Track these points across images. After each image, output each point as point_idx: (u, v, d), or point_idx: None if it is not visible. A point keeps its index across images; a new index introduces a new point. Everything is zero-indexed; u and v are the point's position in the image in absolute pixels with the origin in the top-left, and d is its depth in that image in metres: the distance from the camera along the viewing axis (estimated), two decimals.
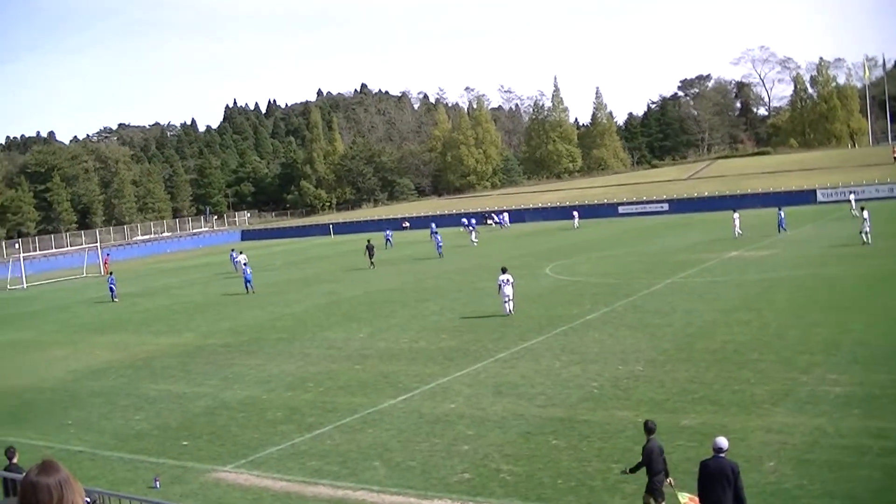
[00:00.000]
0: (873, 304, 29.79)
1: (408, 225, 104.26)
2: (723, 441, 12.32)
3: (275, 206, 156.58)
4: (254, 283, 51.30)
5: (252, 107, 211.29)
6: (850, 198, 70.67)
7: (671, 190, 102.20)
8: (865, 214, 47.29)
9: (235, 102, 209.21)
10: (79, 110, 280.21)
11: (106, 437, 21.83)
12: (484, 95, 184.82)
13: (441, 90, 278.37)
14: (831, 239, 50.89)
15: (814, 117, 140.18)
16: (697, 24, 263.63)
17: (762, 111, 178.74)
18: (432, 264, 58.14)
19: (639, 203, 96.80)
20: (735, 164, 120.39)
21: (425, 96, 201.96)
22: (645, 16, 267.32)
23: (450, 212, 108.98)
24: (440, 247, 62.95)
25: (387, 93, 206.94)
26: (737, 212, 59.43)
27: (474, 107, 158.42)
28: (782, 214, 57.99)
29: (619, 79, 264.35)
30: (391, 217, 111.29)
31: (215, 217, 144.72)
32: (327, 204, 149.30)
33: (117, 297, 53.72)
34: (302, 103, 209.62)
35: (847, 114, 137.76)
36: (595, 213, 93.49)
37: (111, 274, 57.99)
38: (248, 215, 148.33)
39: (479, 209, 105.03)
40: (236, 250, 67.22)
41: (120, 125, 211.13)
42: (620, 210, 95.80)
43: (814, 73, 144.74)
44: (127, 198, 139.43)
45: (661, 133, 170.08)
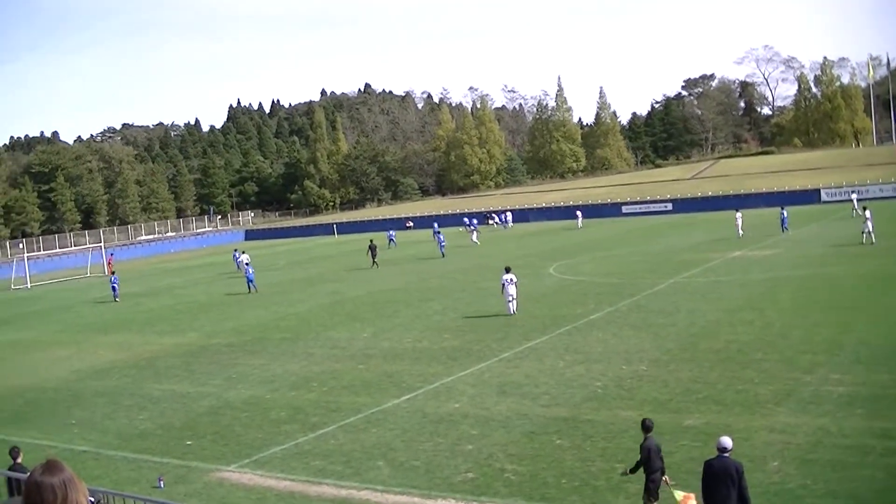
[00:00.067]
0: (876, 303, 29.75)
1: (411, 225, 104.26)
2: (727, 441, 12.32)
3: (278, 205, 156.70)
4: (257, 282, 51.38)
5: (256, 107, 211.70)
6: (852, 197, 70.62)
7: (675, 190, 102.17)
8: (867, 214, 47.22)
9: (239, 102, 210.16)
10: (82, 110, 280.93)
11: (110, 437, 21.84)
12: (487, 95, 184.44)
13: (445, 90, 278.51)
14: (834, 239, 50.82)
15: (818, 117, 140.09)
16: (701, 23, 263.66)
17: (766, 111, 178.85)
18: (435, 264, 58.12)
19: (642, 203, 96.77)
20: (739, 164, 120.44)
21: (429, 96, 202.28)
22: (648, 15, 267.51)
23: (453, 211, 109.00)
24: (443, 247, 62.95)
25: (390, 92, 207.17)
26: (739, 211, 59.46)
27: (478, 106, 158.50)
28: (785, 214, 57.99)
29: (623, 78, 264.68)
30: (395, 217, 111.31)
31: (219, 217, 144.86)
32: (331, 204, 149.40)
33: (119, 297, 53.87)
34: (306, 103, 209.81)
35: (851, 113, 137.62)
36: (599, 212, 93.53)
37: (113, 274, 58.01)
38: (252, 215, 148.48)
39: (482, 209, 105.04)
40: (239, 250, 67.26)
41: (124, 125, 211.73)
42: (624, 210, 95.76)
43: (818, 72, 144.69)
44: (131, 198, 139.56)
45: (664, 133, 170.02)
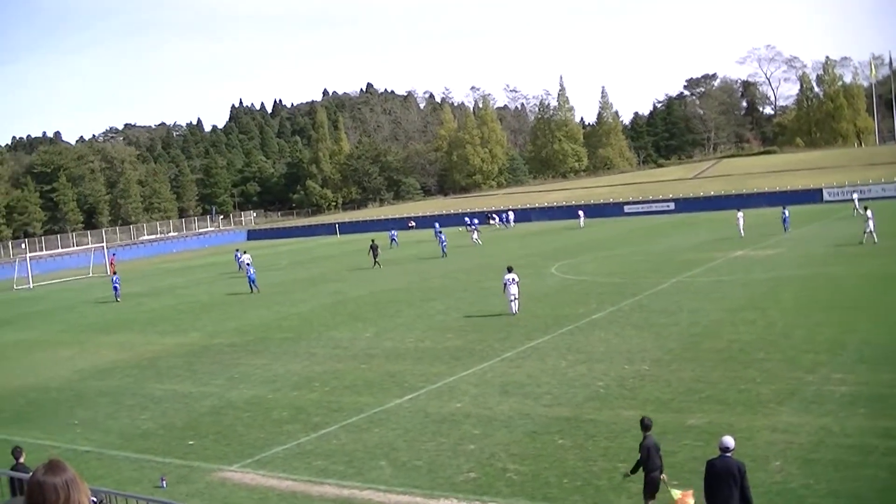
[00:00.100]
0: (879, 303, 29.73)
1: (413, 224, 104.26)
2: (729, 440, 12.31)
3: (280, 205, 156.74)
4: (259, 282, 51.42)
5: (258, 107, 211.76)
6: (854, 197, 70.60)
7: (677, 189, 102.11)
8: (869, 214, 47.18)
9: (241, 102, 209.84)
10: (84, 110, 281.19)
11: (112, 437, 21.85)
12: (490, 95, 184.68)
13: (447, 90, 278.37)
14: (837, 238, 50.77)
15: (820, 116, 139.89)
16: (703, 23, 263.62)
17: (768, 110, 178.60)
18: (438, 264, 58.11)
19: (644, 202, 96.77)
20: (741, 164, 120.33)
21: (431, 96, 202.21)
22: (650, 15, 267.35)
23: (456, 211, 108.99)
24: (444, 246, 62.91)
25: (392, 92, 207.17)
26: (741, 211, 59.41)
27: (480, 106, 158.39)
28: (786, 214, 57.93)
29: (625, 78, 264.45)
30: (397, 217, 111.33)
31: (221, 217, 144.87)
32: (333, 203, 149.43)
33: (120, 297, 53.90)
34: (308, 103, 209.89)
35: (853, 113, 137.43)
36: (601, 212, 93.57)
37: (115, 274, 58.09)
38: (254, 215, 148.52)
39: (484, 209, 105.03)
40: (241, 250, 67.30)
41: (126, 125, 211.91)
42: (626, 209, 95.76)
43: (820, 71, 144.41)
44: (133, 198, 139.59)
45: (666, 132, 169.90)
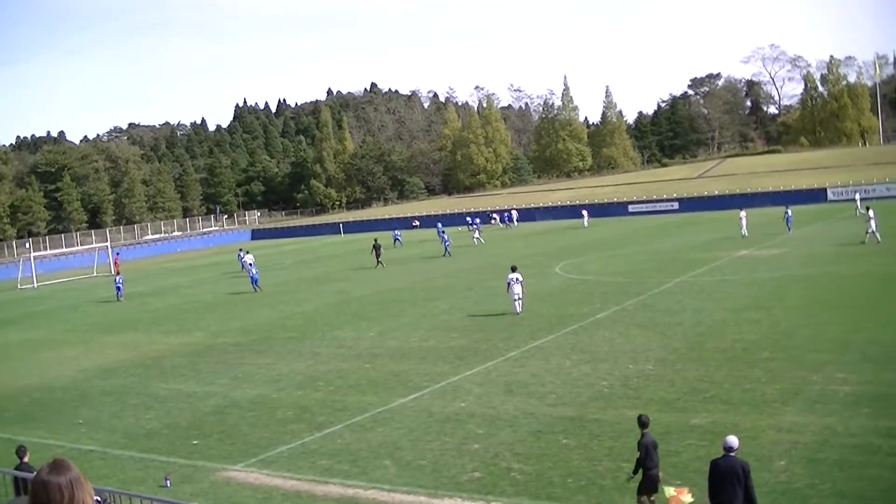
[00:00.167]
0: (883, 302, 29.68)
1: (418, 224, 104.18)
2: (733, 440, 12.29)
3: (285, 205, 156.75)
4: (262, 282, 51.55)
5: (262, 106, 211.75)
6: (856, 196, 70.50)
7: (681, 189, 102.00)
8: (871, 213, 47.12)
9: (245, 102, 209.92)
10: (89, 110, 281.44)
11: (116, 436, 21.88)
12: (494, 94, 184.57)
13: (451, 89, 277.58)
14: (841, 238, 50.67)
15: (824, 116, 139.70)
16: (707, 22, 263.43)
17: (772, 110, 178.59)
18: (441, 263, 58.08)
19: (649, 202, 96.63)
20: (745, 163, 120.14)
21: (435, 95, 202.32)
22: (654, 15, 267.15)
23: (460, 210, 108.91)
24: (447, 245, 62.85)
25: (397, 92, 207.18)
26: (743, 210, 59.23)
27: (484, 106, 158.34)
28: (789, 213, 57.76)
29: (629, 78, 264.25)
30: (401, 216, 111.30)
31: (225, 216, 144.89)
32: (337, 203, 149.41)
33: (123, 297, 53.96)
34: (312, 102, 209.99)
35: (858, 112, 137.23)
36: (605, 211, 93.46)
37: (118, 274, 58.21)
38: (259, 214, 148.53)
39: (488, 208, 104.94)
40: (244, 250, 67.32)
41: (130, 125, 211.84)
42: (630, 209, 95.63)
43: (824, 71, 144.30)
44: (137, 197, 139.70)
45: (671, 132, 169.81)
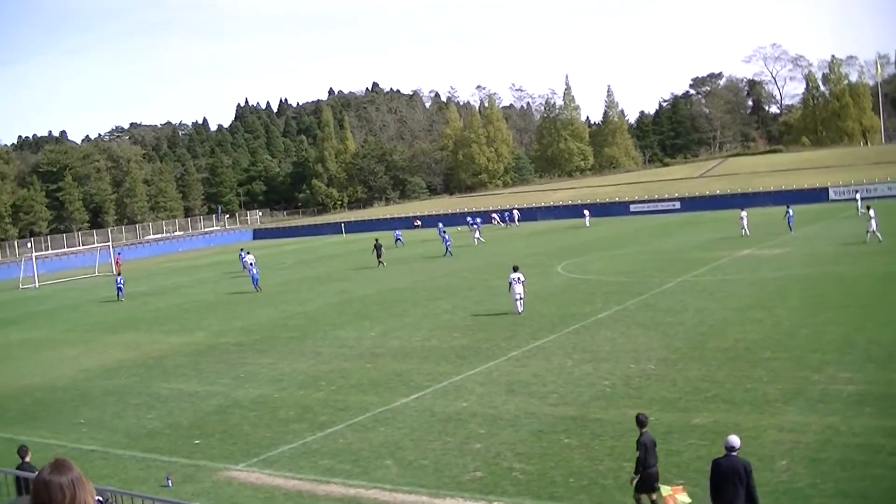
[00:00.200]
0: (886, 302, 29.66)
1: (419, 223, 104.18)
2: (735, 439, 12.29)
3: (286, 204, 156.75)
4: (263, 282, 51.77)
5: (263, 106, 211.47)
6: (856, 196, 70.48)
7: (683, 188, 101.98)
8: (872, 213, 47.11)
9: (247, 101, 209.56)
10: (90, 110, 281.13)
11: (118, 436, 21.88)
12: (495, 94, 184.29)
13: (452, 89, 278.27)
14: (843, 237, 50.64)
15: (826, 115, 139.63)
16: (709, 22, 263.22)
17: (774, 109, 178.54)
18: (443, 263, 58.05)
19: (650, 201, 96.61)
20: (747, 163, 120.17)
21: (437, 95, 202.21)
22: (656, 14, 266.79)
23: (462, 210, 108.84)
24: (448, 245, 62.81)
25: (398, 91, 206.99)
26: (744, 210, 59.07)
27: (486, 105, 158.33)
28: (791, 213, 57.65)
29: (631, 77, 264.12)
30: (403, 216, 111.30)
31: (227, 216, 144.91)
32: (339, 203, 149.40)
33: (123, 297, 53.95)
34: (313, 102, 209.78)
35: (859, 111, 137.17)
36: (607, 211, 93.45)
37: (119, 275, 58.25)
38: (260, 214, 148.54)
39: (490, 208, 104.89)
40: (245, 250, 67.32)
41: (132, 124, 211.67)
42: (632, 208, 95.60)
43: (826, 70, 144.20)
44: (139, 197, 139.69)
45: (672, 131, 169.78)
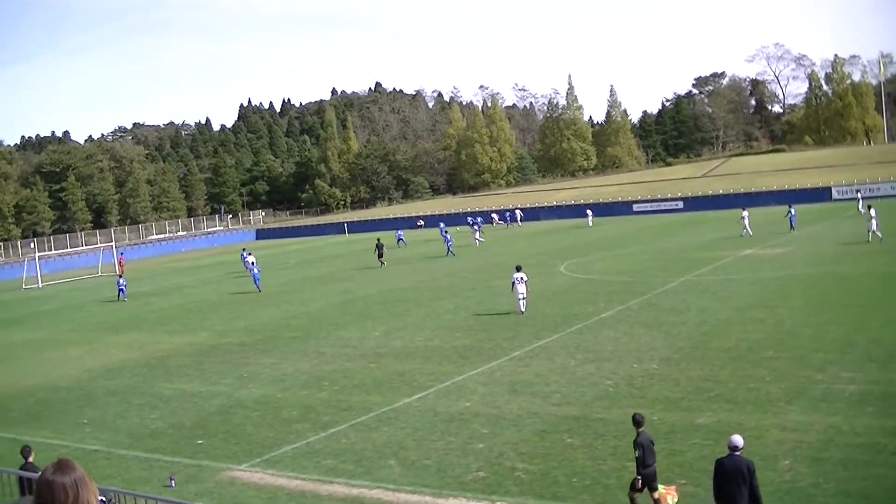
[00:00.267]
0: (888, 301, 29.62)
1: (422, 223, 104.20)
2: (738, 439, 12.29)
3: (289, 204, 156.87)
4: (264, 282, 51.90)
5: (266, 106, 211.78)
6: (857, 195, 70.43)
7: (686, 188, 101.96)
8: (872, 212, 47.08)
9: (250, 101, 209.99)
10: (93, 110, 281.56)
11: (121, 436, 21.89)
12: (498, 94, 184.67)
13: (455, 88, 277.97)
14: (845, 237, 50.58)
15: (829, 114, 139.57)
16: (711, 21, 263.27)
17: (777, 108, 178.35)
18: (446, 263, 58.06)
19: (653, 201, 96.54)
20: (750, 162, 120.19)
21: (440, 94, 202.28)
22: (659, 14, 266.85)
23: (464, 210, 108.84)
24: (450, 245, 62.80)
25: (401, 91, 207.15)
26: (746, 210, 58.74)
27: (489, 105, 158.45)
28: (793, 212, 57.51)
29: (634, 77, 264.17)
30: (406, 216, 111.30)
31: (230, 216, 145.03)
32: (342, 203, 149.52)
33: (126, 297, 53.96)
34: (316, 102, 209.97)
35: (862, 111, 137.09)
36: (610, 210, 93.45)
37: (121, 276, 58.34)
38: (263, 214, 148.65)
39: (492, 207, 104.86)
40: (246, 250, 67.35)
41: (134, 124, 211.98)
42: (635, 208, 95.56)
43: (829, 70, 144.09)
44: (141, 197, 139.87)
45: (675, 131, 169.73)
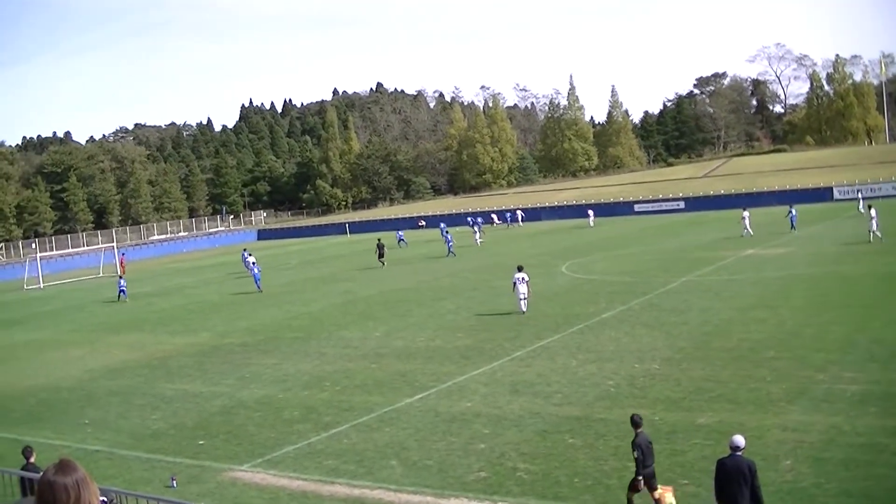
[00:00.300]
0: (889, 301, 29.60)
1: (423, 224, 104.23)
2: (739, 439, 12.28)
3: (291, 205, 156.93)
4: (264, 283, 51.99)
5: (268, 106, 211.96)
6: (858, 195, 70.40)
7: (687, 188, 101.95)
8: (873, 212, 47.10)
9: (251, 102, 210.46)
10: (95, 110, 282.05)
11: (123, 437, 21.90)
12: (499, 94, 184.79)
13: (457, 89, 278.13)
14: (846, 237, 50.55)
15: (830, 115, 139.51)
16: (713, 22, 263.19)
17: (778, 109, 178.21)
18: (447, 263, 58.08)
19: (654, 201, 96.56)
20: (751, 162, 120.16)
21: (441, 95, 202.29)
22: (660, 14, 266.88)
23: (466, 210, 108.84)
24: (451, 246, 62.80)
25: (402, 91, 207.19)
26: (747, 210, 58.59)
27: (490, 105, 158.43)
28: (793, 212, 57.43)
29: (635, 77, 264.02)
30: (407, 216, 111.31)
31: (231, 216, 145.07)
32: (343, 203, 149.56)
33: (126, 298, 53.99)
34: (318, 102, 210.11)
35: (863, 111, 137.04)
36: (611, 211, 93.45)
37: (121, 278, 58.41)
38: (265, 215, 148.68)
39: (494, 208, 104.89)
40: (247, 251, 67.38)
41: (136, 125, 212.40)
42: (636, 208, 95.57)
43: (830, 70, 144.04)
44: (143, 197, 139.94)
45: (676, 131, 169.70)
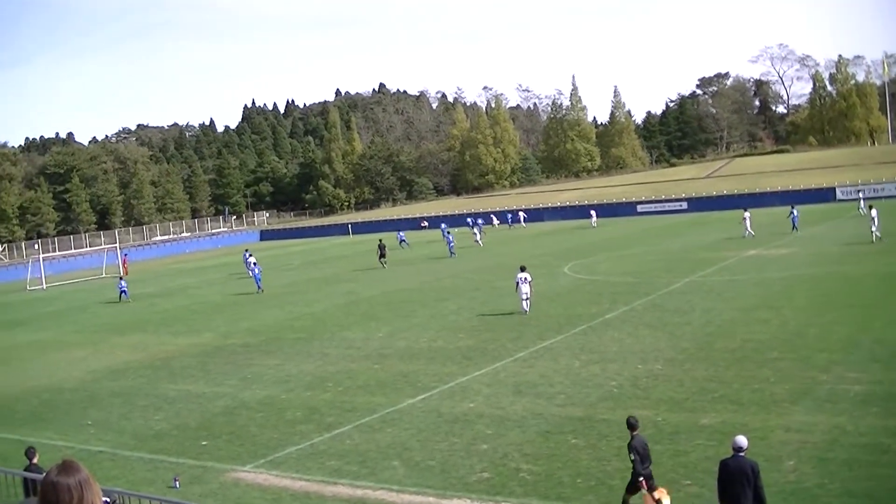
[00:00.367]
0: (892, 301, 29.62)
1: (426, 224, 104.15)
2: (742, 440, 12.26)
3: (293, 205, 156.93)
4: (265, 283, 52.06)
5: (270, 107, 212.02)
6: (859, 196, 70.35)
7: (690, 188, 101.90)
8: (874, 213, 47.11)
9: (254, 102, 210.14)
10: (97, 111, 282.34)
11: (125, 438, 21.91)
12: (502, 94, 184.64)
13: (459, 89, 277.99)
14: (849, 237, 50.52)
15: (833, 115, 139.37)
16: (716, 22, 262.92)
17: (781, 109, 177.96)
18: (449, 264, 58.10)
19: (657, 202, 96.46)
20: (754, 163, 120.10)
21: (443, 95, 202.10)
22: (663, 14, 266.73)
23: (468, 211, 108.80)
24: (452, 246, 62.74)
25: (405, 92, 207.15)
26: (748, 211, 58.42)
27: (492, 106, 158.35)
28: (795, 213, 57.30)
29: (638, 77, 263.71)
30: (410, 217, 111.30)
31: (234, 217, 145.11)
32: (346, 204, 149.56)
33: (128, 298, 54.03)
34: (320, 103, 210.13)
35: (866, 111, 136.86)
36: (614, 211, 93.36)
37: (122, 279, 58.46)
38: (267, 215, 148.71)
39: (496, 208, 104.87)
40: (248, 251, 67.36)
41: (139, 126, 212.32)
42: (639, 209, 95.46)
43: (833, 70, 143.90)
44: (146, 198, 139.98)
45: (679, 131, 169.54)
